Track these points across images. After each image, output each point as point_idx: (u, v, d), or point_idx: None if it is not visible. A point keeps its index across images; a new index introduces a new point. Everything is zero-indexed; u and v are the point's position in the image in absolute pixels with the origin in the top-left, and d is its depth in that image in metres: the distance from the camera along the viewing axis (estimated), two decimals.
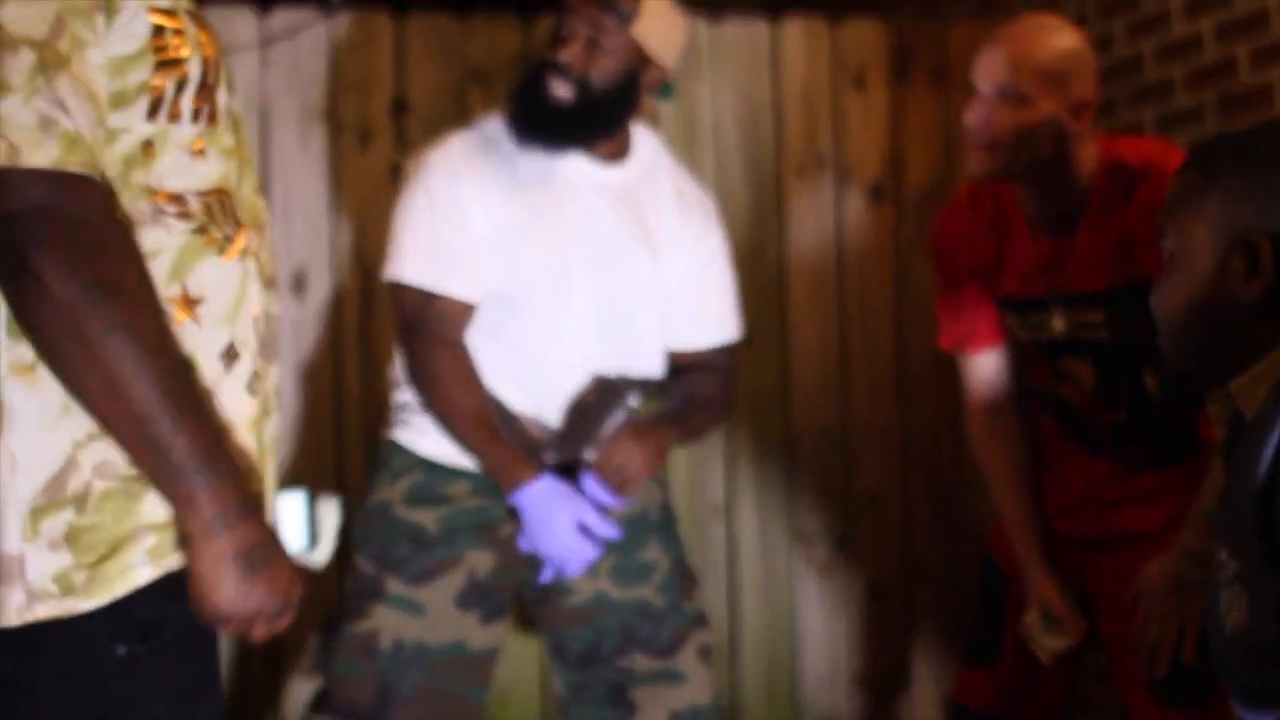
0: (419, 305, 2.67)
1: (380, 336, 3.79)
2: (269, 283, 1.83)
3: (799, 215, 4.09)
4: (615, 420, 2.79)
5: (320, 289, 3.78)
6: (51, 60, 1.57)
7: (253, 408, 1.76)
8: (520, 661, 3.77)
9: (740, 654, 4.00)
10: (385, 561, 2.73)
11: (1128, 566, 2.77)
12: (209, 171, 1.74)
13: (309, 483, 1.91)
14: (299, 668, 3.79)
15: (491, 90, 3.90)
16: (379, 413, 3.77)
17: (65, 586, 1.61)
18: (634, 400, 2.82)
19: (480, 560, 2.74)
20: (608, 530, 2.65)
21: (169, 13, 1.70)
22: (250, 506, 1.61)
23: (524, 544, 2.69)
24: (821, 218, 4.10)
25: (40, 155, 1.53)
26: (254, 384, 1.76)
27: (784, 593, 4.04)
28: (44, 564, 1.60)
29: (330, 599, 3.77)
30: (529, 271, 2.70)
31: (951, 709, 3.11)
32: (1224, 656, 1.55)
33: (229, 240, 1.74)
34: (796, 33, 4.11)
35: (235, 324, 1.74)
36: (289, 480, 3.72)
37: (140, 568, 1.63)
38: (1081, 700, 3.31)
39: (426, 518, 2.74)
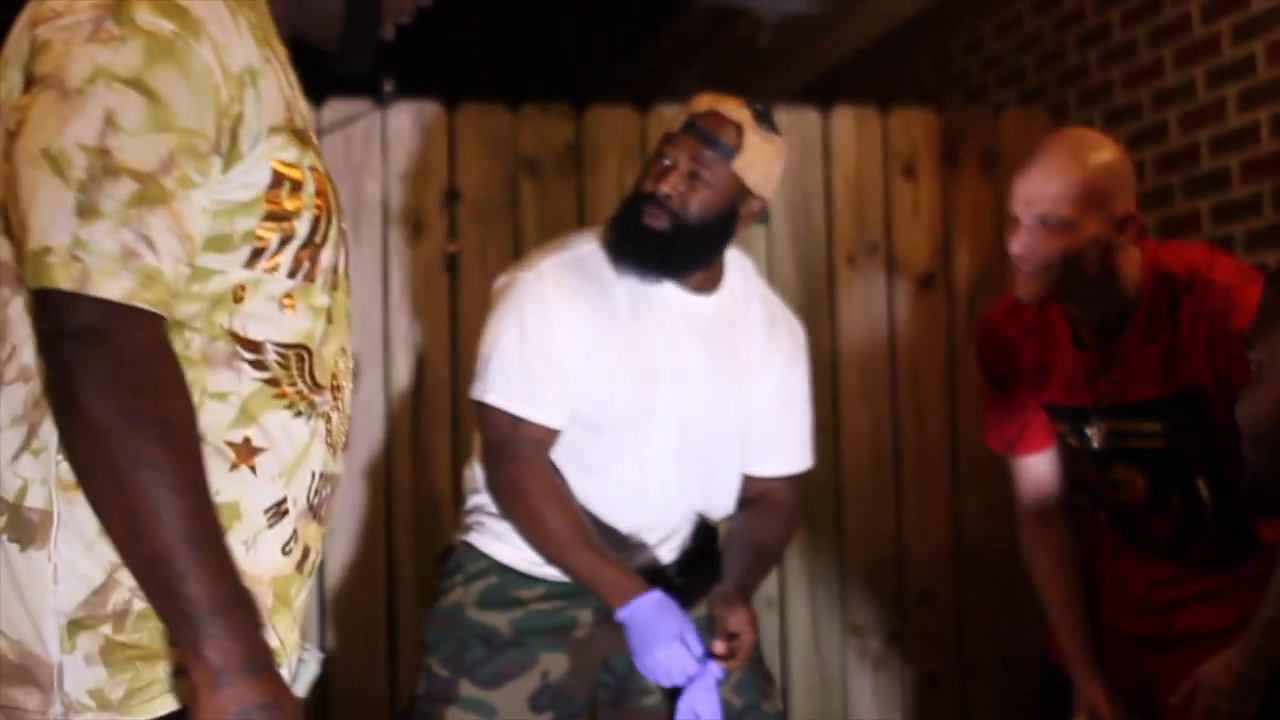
0: (506, 427, 2.66)
1: (431, 427, 3.79)
2: (336, 446, 1.82)
3: (850, 304, 4.08)
4: (680, 540, 2.83)
5: (373, 380, 3.78)
6: (152, 195, 1.58)
7: (282, 568, 1.74)
8: None
9: None
10: (459, 664, 2.72)
11: (1190, 668, 2.73)
12: (295, 325, 1.73)
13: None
14: None
15: (543, 180, 3.92)
16: (430, 504, 3.78)
17: (102, 702, 1.59)
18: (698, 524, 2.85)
19: (554, 663, 2.73)
20: (698, 648, 2.62)
21: (292, 165, 1.72)
22: (259, 663, 1.55)
23: (636, 662, 2.66)
24: (873, 306, 4.09)
25: (112, 286, 1.54)
26: (290, 545, 1.74)
27: (836, 686, 4.00)
28: (80, 677, 1.59)
29: (393, 701, 3.76)
30: (615, 399, 2.69)
31: None
32: None
33: (301, 397, 1.74)
34: (847, 121, 4.11)
35: (291, 482, 1.73)
36: (338, 570, 3.73)
37: (174, 692, 1.61)
38: None
39: (500, 621, 2.73)
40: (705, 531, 2.91)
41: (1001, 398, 2.96)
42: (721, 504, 2.88)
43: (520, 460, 2.66)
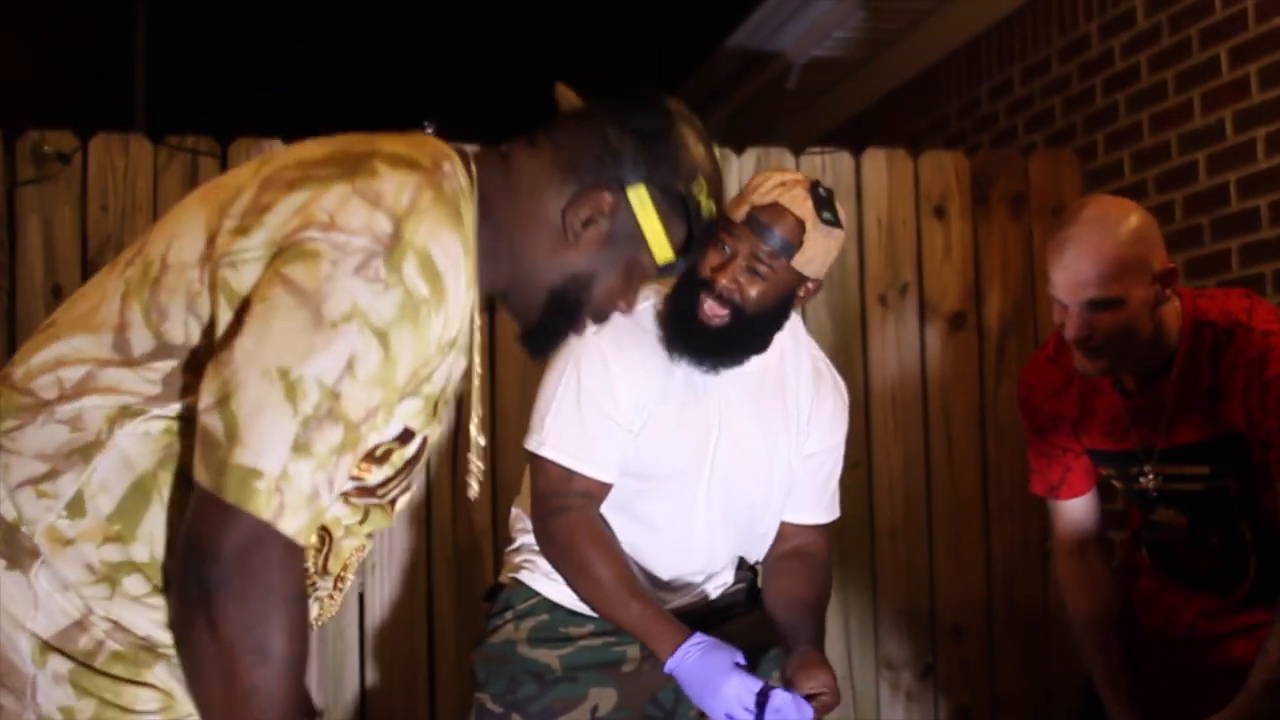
0: (559, 480, 2.71)
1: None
2: (311, 629, 1.93)
3: (882, 343, 4.13)
4: (723, 580, 2.88)
5: None
6: (350, 442, 1.69)
7: None
8: None
9: None
10: (511, 700, 2.76)
11: (1229, 695, 2.77)
12: (331, 510, 1.84)
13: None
14: None
15: None
16: (470, 542, 3.83)
17: None
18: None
19: (603, 697, 2.77)
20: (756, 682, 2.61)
21: (414, 432, 1.86)
22: None
23: (704, 709, 2.68)
24: (905, 346, 4.14)
25: (293, 523, 1.65)
26: None
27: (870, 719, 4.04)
28: (50, 693, 1.70)
29: None
30: (668, 455, 2.74)
31: None
32: None
33: (308, 575, 1.85)
34: (879, 163, 4.17)
35: None
36: (379, 606, 3.78)
37: None
38: None
39: (550, 657, 2.78)
40: (745, 569, 2.95)
41: (1045, 443, 3.01)
42: (761, 548, 2.92)
43: (571, 512, 2.71)
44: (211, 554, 1.63)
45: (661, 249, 1.93)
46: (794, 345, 2.86)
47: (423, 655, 3.85)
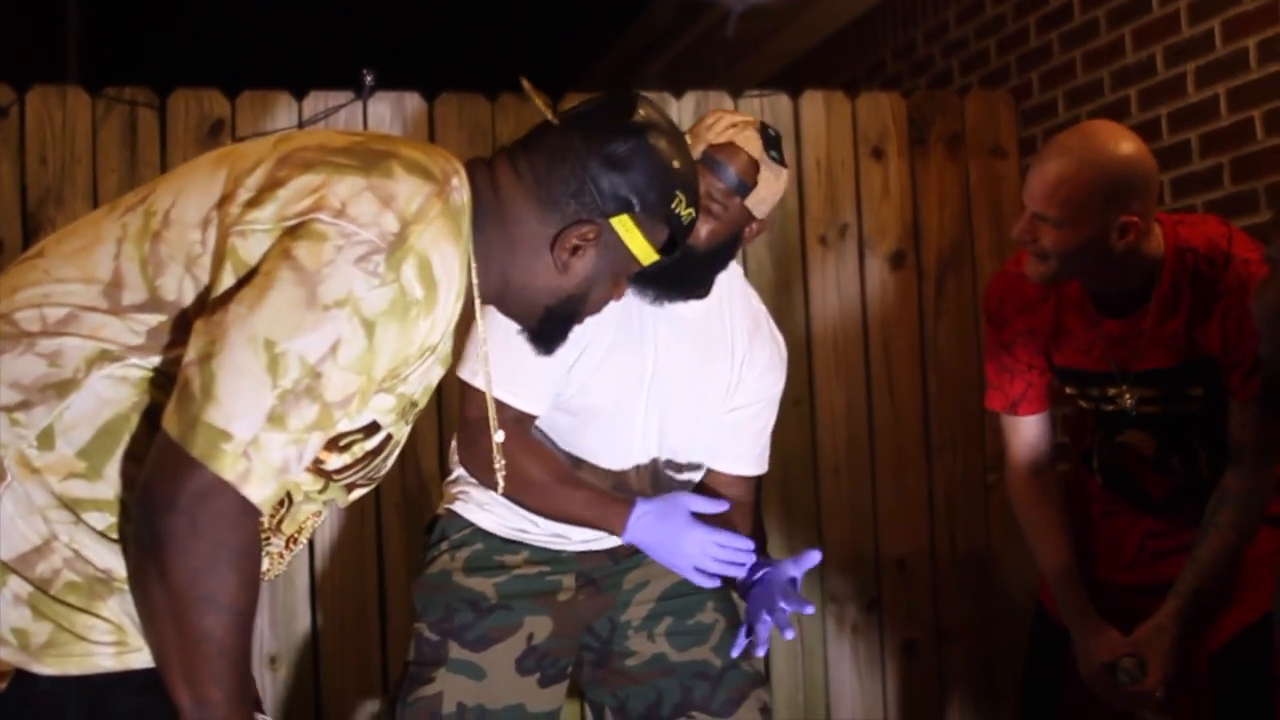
0: (486, 408, 2.72)
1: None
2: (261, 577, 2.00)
3: (823, 283, 4.18)
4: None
5: None
6: (324, 423, 1.75)
7: None
8: None
9: (775, 715, 4.04)
10: (447, 628, 2.78)
11: None
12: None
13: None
14: None
15: None
16: (418, 484, 3.86)
17: (23, 643, 1.74)
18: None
19: (538, 626, 2.81)
20: (717, 505, 2.64)
21: (381, 427, 1.92)
22: None
23: (684, 575, 2.71)
24: (845, 285, 4.19)
25: (259, 491, 1.70)
26: None
27: (817, 654, 4.10)
28: (8, 613, 1.74)
29: (385, 675, 3.84)
30: (600, 393, 2.75)
31: None
32: None
33: (262, 530, 1.89)
34: (817, 106, 4.21)
35: None
36: (328, 550, 3.81)
37: (102, 658, 1.76)
38: None
39: (485, 585, 2.81)
40: None
41: (1009, 357, 3.03)
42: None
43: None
44: (167, 502, 1.66)
45: (646, 256, 2.04)
46: (733, 293, 2.88)
47: (373, 599, 3.88)
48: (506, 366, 2.71)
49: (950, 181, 4.27)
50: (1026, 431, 3.08)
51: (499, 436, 2.27)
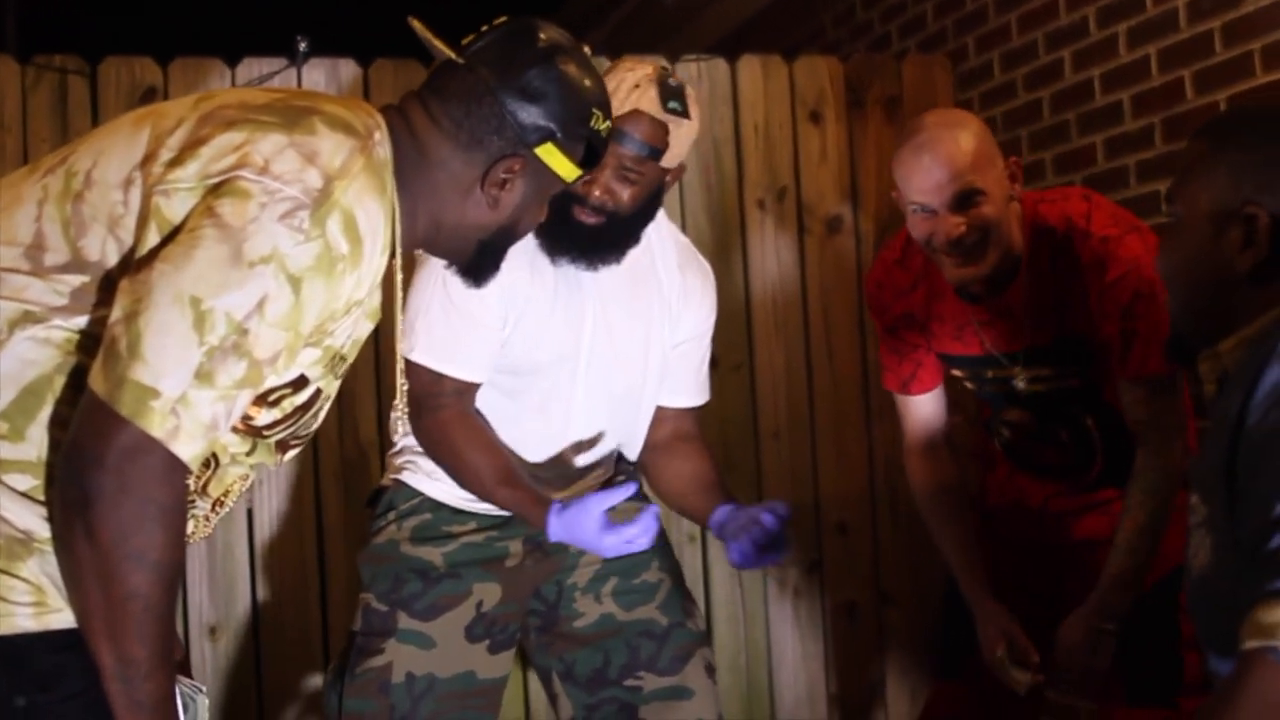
0: (429, 382, 2.74)
1: (356, 377, 3.85)
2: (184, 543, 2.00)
3: (761, 247, 4.18)
4: (604, 473, 2.93)
5: None
6: (252, 379, 1.75)
7: None
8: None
9: (717, 677, 4.05)
10: (396, 598, 2.79)
11: (1087, 569, 2.91)
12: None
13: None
14: (283, 717, 3.84)
15: None
16: (357, 453, 3.84)
17: None
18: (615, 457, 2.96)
19: (487, 592, 2.81)
20: (623, 492, 2.64)
21: (310, 381, 1.92)
22: None
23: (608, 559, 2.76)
24: (784, 249, 4.19)
25: (188, 448, 1.70)
26: None
27: (758, 616, 4.11)
28: None
29: (326, 645, 3.83)
30: (538, 351, 2.77)
31: None
32: (1192, 598, 1.63)
33: (189, 492, 1.89)
34: (754, 70, 4.21)
35: None
36: (268, 519, 3.79)
37: (20, 618, 1.75)
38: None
39: (433, 554, 2.81)
40: (626, 464, 2.99)
41: (895, 340, 3.10)
42: (639, 443, 2.96)
43: (443, 410, 2.74)
44: (95, 460, 1.66)
45: (570, 174, 2.08)
46: (658, 233, 2.89)
47: (313, 568, 3.86)
48: (444, 336, 2.71)
49: (888, 145, 4.27)
50: (919, 410, 3.15)
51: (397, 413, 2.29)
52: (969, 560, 3.05)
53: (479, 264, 2.12)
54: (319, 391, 1.97)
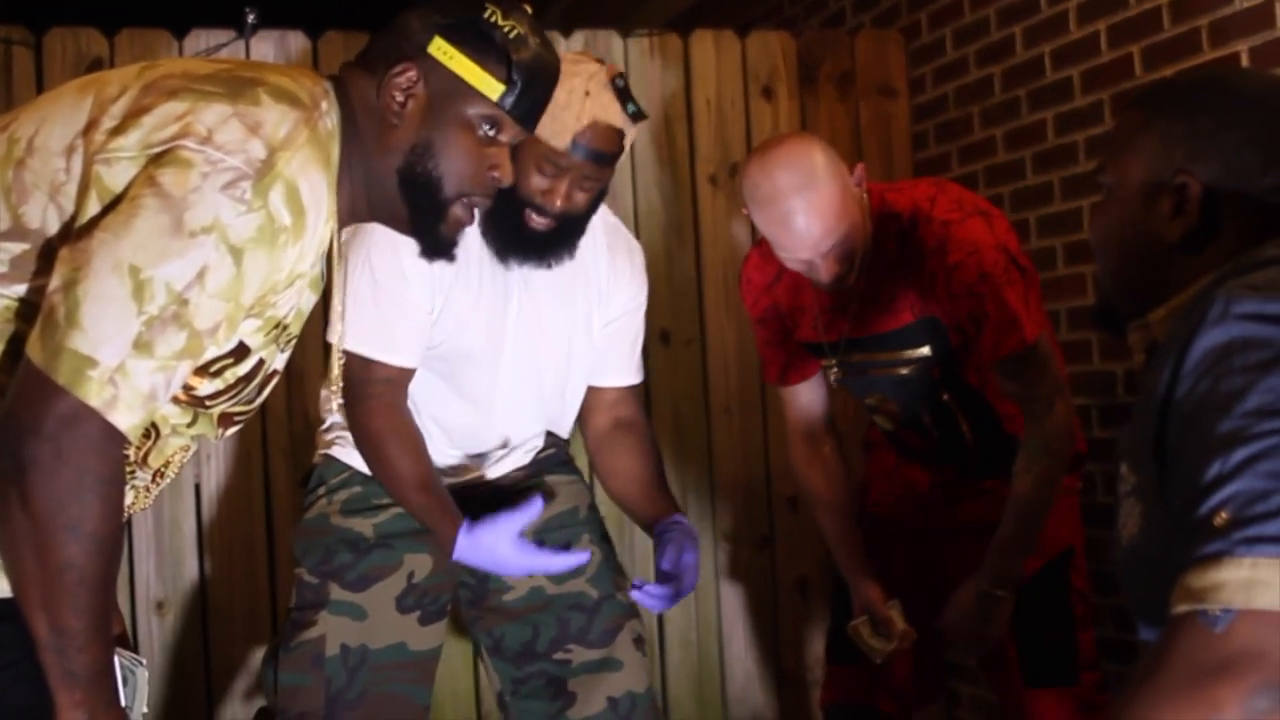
0: (359, 369, 2.71)
1: (303, 355, 3.83)
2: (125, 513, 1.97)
3: (714, 223, 4.17)
4: (533, 448, 2.95)
5: None
6: (192, 350, 1.74)
7: None
8: (455, 663, 3.83)
9: (668, 653, 4.07)
10: (327, 571, 2.78)
11: (968, 552, 2.98)
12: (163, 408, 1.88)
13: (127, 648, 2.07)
14: (231, 692, 3.82)
15: None
16: (305, 429, 3.82)
17: None
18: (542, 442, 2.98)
19: (418, 563, 2.80)
20: (532, 510, 2.62)
21: (252, 350, 1.91)
22: (113, 700, 1.76)
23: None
24: (736, 225, 4.18)
25: (125, 419, 1.69)
26: None
27: (709, 593, 4.11)
28: None
29: (274, 620, 3.81)
30: (469, 333, 2.76)
31: (827, 710, 3.25)
32: (1122, 567, 1.64)
33: (129, 463, 1.90)
34: (706, 45, 4.19)
35: None
36: (216, 495, 3.77)
37: None
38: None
39: (363, 525, 2.80)
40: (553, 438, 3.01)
41: (768, 332, 3.16)
42: (567, 421, 2.98)
43: (371, 399, 2.72)
44: (31, 429, 1.64)
45: (486, 84, 1.96)
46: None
47: (261, 543, 3.84)
48: (374, 322, 2.70)
49: (840, 121, 4.28)
50: (797, 399, 3.23)
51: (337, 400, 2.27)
52: (847, 541, 3.14)
53: (415, 217, 2.00)
54: (261, 362, 1.95)
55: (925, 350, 2.92)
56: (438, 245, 2.05)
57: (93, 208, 1.74)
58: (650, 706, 2.88)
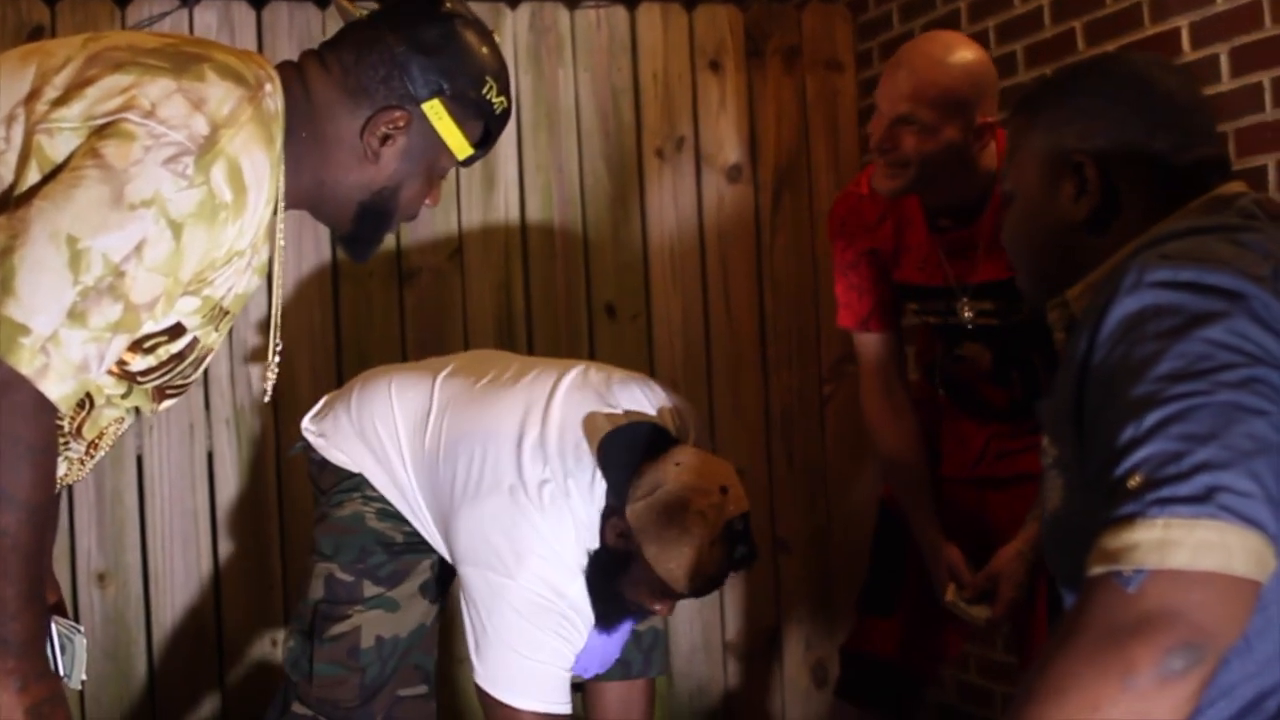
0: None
1: (246, 328, 3.82)
2: (58, 485, 1.96)
3: (659, 196, 4.17)
4: None
5: None
6: (128, 324, 1.73)
7: None
8: None
9: None
10: (361, 568, 2.89)
11: (1019, 502, 2.95)
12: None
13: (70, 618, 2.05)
14: (173, 663, 3.81)
15: None
16: (250, 401, 3.80)
17: None
18: None
19: (436, 559, 2.94)
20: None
21: (187, 330, 1.91)
22: (45, 669, 1.77)
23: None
24: (682, 198, 4.19)
25: (56, 388, 1.68)
26: None
27: None
28: None
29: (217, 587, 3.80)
30: None
31: (847, 658, 3.22)
32: (1046, 538, 1.67)
33: (62, 435, 1.91)
34: (654, 17, 4.19)
35: None
36: (159, 465, 3.75)
37: None
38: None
39: (395, 532, 2.91)
40: None
41: (856, 276, 3.10)
42: None
43: None
44: None
45: (461, 149, 2.03)
46: None
47: (204, 515, 3.83)
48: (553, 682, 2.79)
49: (787, 95, 4.28)
50: (877, 348, 3.16)
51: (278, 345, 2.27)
52: (924, 503, 3.08)
53: (357, 234, 2.07)
54: (195, 341, 1.95)
55: (1022, 303, 2.91)
56: (364, 256, 2.13)
57: (32, 177, 1.74)
58: (665, 647, 3.05)
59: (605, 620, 2.79)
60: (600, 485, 2.70)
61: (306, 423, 3.03)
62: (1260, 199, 1.70)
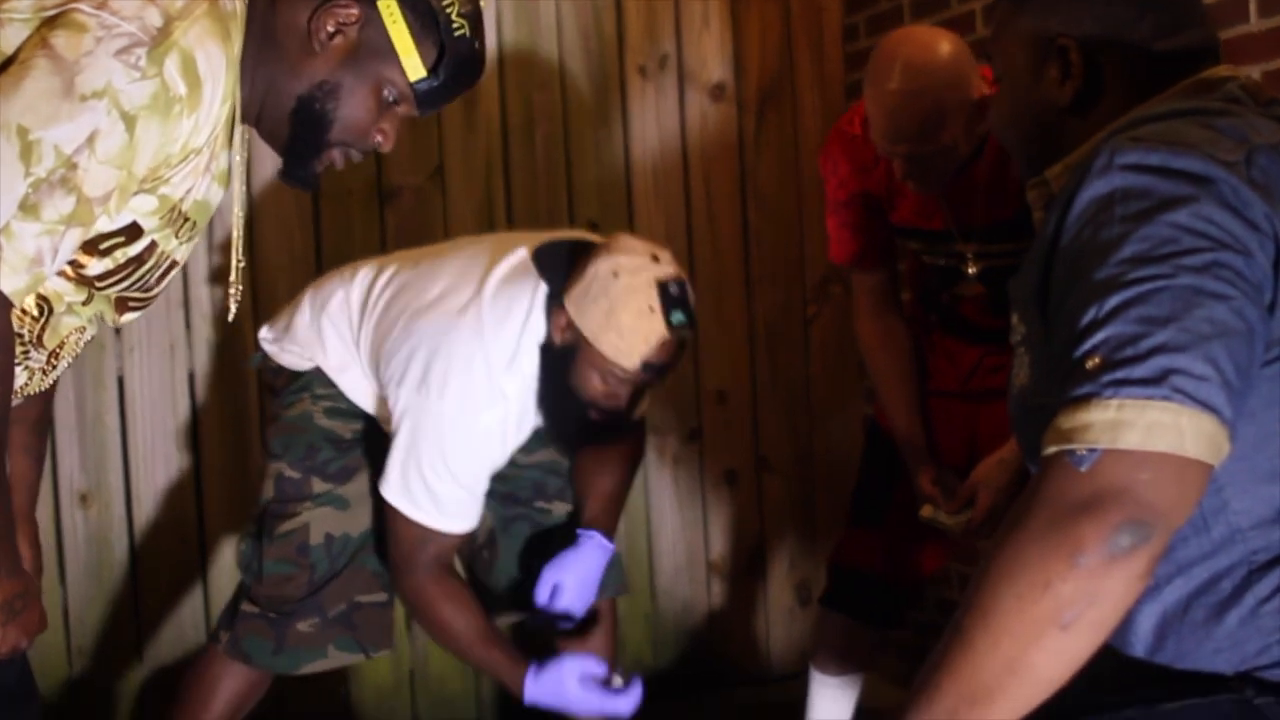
0: (415, 538, 2.79)
1: (227, 248, 3.80)
2: (17, 393, 1.95)
3: (642, 114, 4.14)
4: None
5: None
6: (81, 216, 1.70)
7: None
8: None
9: None
10: (310, 465, 2.89)
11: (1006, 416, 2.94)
12: (52, 283, 1.87)
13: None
14: (156, 582, 3.82)
15: None
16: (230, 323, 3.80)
17: None
18: None
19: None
20: (602, 667, 2.77)
21: (145, 231, 1.88)
22: (16, 565, 1.78)
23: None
24: (665, 117, 4.16)
25: (10, 281, 1.66)
26: None
27: (637, 485, 4.11)
28: None
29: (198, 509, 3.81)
30: None
31: (834, 569, 3.24)
32: (1012, 415, 1.68)
33: (22, 344, 1.90)
34: None
35: None
36: (139, 384, 3.74)
37: None
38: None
39: (344, 429, 2.92)
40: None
41: (849, 214, 3.09)
42: None
43: (422, 570, 2.80)
44: None
45: (413, 65, 1.95)
46: None
47: (186, 434, 3.83)
48: (439, 493, 2.76)
49: (771, 13, 4.24)
50: (869, 283, 3.18)
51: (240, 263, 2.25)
52: (913, 421, 3.10)
53: (294, 142, 1.98)
54: (154, 244, 1.92)
55: (1025, 243, 2.89)
56: (303, 177, 2.03)
57: None
58: (619, 563, 3.05)
59: (559, 426, 2.79)
60: (542, 291, 2.73)
61: (263, 332, 3.04)
62: (1247, 83, 1.69)
